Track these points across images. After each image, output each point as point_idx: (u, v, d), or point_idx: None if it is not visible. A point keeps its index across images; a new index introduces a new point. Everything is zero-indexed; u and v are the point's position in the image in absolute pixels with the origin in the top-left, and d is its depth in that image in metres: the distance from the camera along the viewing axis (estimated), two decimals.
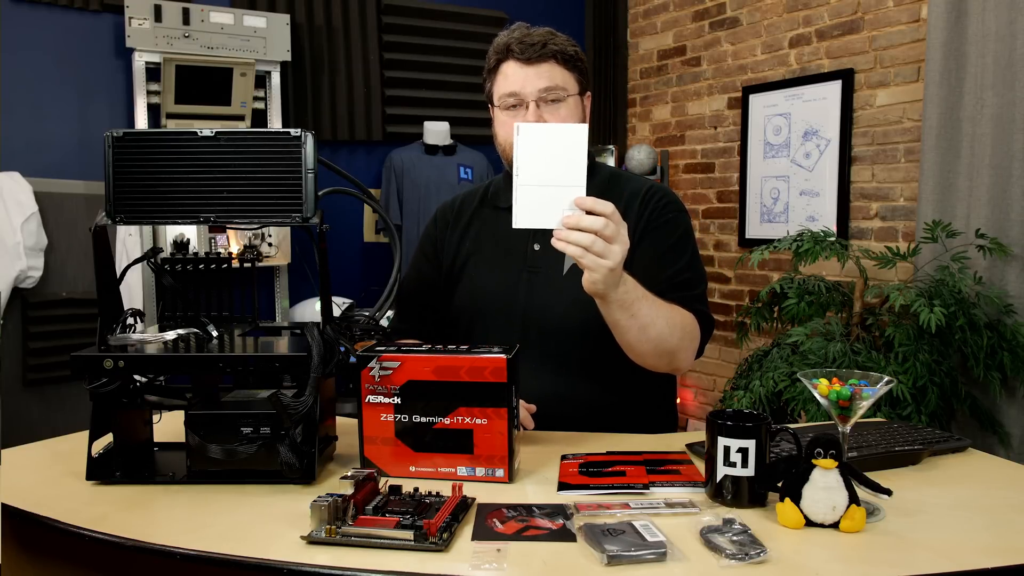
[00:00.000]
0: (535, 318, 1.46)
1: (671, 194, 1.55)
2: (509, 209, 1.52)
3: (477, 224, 1.58)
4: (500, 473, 1.13)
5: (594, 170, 1.54)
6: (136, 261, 1.26)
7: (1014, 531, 0.96)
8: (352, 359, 1.17)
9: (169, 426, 1.27)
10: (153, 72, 3.16)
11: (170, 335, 1.19)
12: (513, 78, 1.44)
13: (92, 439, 1.14)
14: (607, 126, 4.35)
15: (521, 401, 1.36)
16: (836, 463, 0.97)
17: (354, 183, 1.36)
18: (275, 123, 3.40)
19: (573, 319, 1.42)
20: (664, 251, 1.46)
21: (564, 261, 1.46)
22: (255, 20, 3.29)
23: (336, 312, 1.25)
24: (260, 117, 3.42)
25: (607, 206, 1.16)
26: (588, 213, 1.15)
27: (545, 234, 1.48)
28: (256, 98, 3.36)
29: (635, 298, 1.27)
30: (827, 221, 3.31)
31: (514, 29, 1.48)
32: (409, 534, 0.90)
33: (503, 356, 1.11)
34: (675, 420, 1.60)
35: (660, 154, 4.00)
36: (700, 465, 1.17)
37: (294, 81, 3.55)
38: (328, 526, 0.92)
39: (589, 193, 1.25)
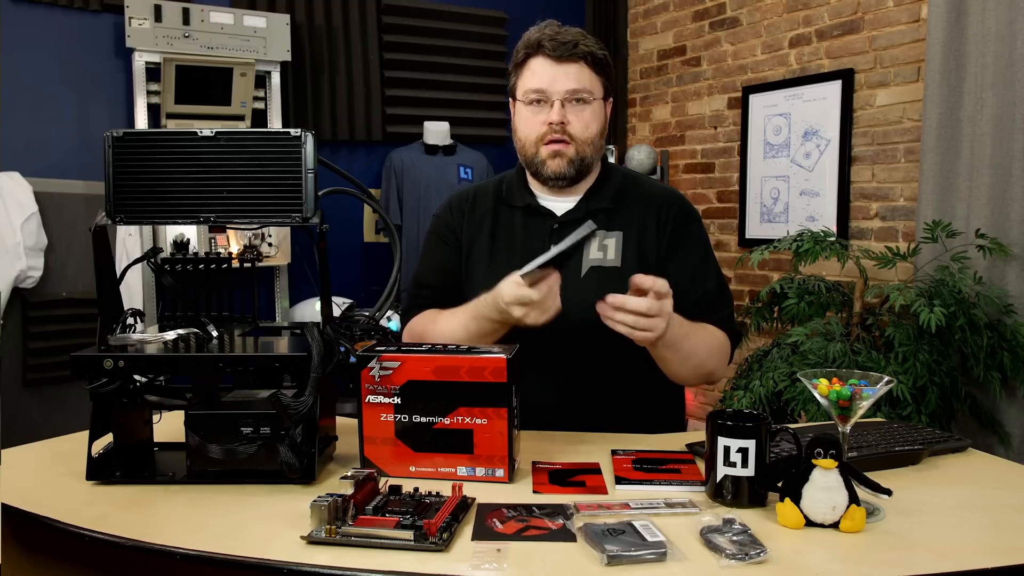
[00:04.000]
0: (551, 319, 1.45)
1: (687, 203, 1.56)
2: (524, 208, 1.52)
3: (491, 222, 1.55)
4: (500, 473, 1.13)
5: (609, 174, 1.53)
6: (136, 261, 1.26)
7: (1014, 531, 0.96)
8: (352, 359, 1.17)
9: (169, 426, 1.27)
10: (153, 72, 3.16)
11: (170, 335, 1.19)
12: (541, 74, 1.43)
13: (92, 439, 1.14)
14: (607, 126, 4.34)
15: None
16: (836, 463, 0.97)
17: (354, 183, 1.36)
18: (275, 123, 3.40)
19: (588, 321, 1.42)
20: (692, 271, 1.48)
21: (582, 264, 1.45)
22: (255, 20, 3.29)
23: (336, 312, 1.25)
24: (260, 117, 3.42)
25: (658, 283, 1.20)
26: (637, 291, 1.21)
27: (562, 235, 1.48)
28: (256, 98, 3.36)
29: (680, 337, 1.31)
30: (827, 221, 3.31)
31: (546, 25, 1.47)
32: (409, 534, 0.90)
33: (503, 356, 1.11)
34: (683, 421, 1.60)
35: (660, 154, 4.00)
36: (700, 465, 1.17)
37: (294, 81, 3.55)
38: (328, 526, 0.92)
39: (602, 198, 1.24)
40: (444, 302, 1.55)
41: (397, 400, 1.14)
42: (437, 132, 3.71)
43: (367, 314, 1.30)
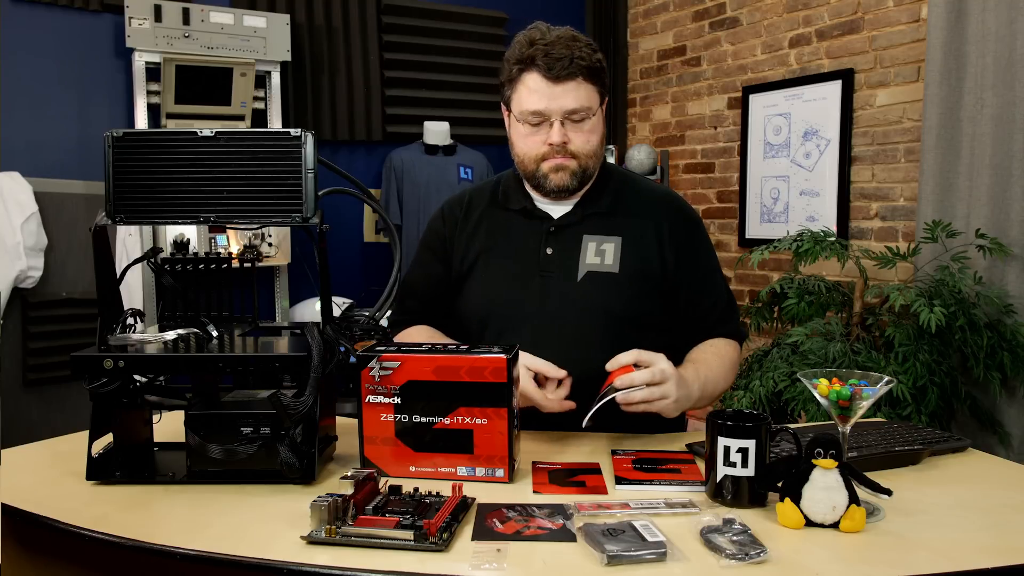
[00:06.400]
0: (547, 322, 1.45)
1: (686, 206, 1.55)
2: (521, 211, 1.52)
3: (487, 225, 1.54)
4: (500, 473, 1.13)
5: (606, 177, 1.52)
6: (136, 261, 1.26)
7: (1014, 531, 0.96)
8: (352, 359, 1.17)
9: (169, 426, 1.27)
10: (153, 72, 3.16)
11: (170, 335, 1.19)
12: (539, 95, 1.38)
13: (92, 439, 1.14)
14: (607, 126, 4.34)
15: (548, 367, 1.32)
16: (836, 463, 0.97)
17: (354, 183, 1.36)
18: (275, 123, 3.40)
19: (585, 323, 1.42)
20: (703, 281, 1.50)
21: (578, 269, 1.45)
22: (255, 20, 3.29)
23: (336, 312, 1.25)
24: (260, 117, 3.42)
25: (642, 356, 1.26)
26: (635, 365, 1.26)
27: (558, 238, 1.48)
28: (256, 98, 3.36)
29: (704, 382, 1.37)
30: (827, 221, 3.31)
31: (535, 34, 1.40)
32: (409, 534, 0.90)
33: (503, 356, 1.11)
34: (683, 420, 1.59)
35: (660, 154, 4.00)
36: (700, 465, 1.17)
37: (294, 81, 3.55)
38: (328, 526, 0.92)
39: (599, 203, 1.25)
40: (430, 312, 1.59)
41: (397, 400, 1.14)
42: (437, 132, 3.71)
43: (367, 314, 1.30)
